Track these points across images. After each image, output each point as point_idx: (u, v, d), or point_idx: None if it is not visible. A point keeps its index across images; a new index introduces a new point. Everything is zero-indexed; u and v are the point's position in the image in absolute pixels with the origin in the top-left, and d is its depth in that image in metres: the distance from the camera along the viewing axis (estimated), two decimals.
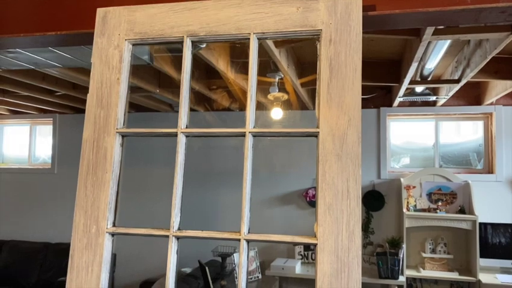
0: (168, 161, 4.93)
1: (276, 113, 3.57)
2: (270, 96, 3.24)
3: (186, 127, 1.29)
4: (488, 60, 2.66)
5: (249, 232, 1.20)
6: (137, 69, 3.52)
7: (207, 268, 2.89)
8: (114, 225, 1.29)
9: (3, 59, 2.01)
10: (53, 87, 3.89)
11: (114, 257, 5.17)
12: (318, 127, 1.21)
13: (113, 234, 1.28)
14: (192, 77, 3.18)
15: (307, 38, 1.28)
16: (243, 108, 3.76)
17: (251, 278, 3.87)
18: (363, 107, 4.63)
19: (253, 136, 1.24)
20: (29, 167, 5.81)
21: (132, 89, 4.16)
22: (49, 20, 1.53)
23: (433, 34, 2.24)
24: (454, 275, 3.94)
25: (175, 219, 1.24)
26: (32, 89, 4.13)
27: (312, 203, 4.69)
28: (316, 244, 1.13)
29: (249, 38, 1.28)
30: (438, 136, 4.62)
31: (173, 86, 3.79)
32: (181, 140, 1.28)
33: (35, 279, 4.83)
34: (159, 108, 4.92)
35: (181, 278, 3.48)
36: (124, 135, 1.33)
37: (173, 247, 1.23)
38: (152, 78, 3.83)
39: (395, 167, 4.71)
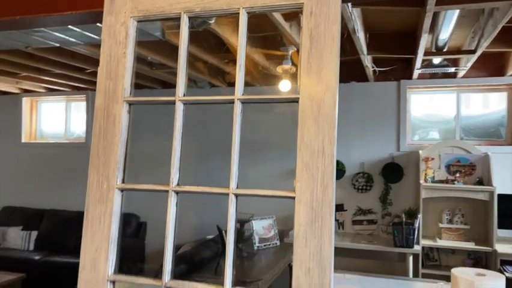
0: (189, 132, 5.14)
1: (284, 85, 3.66)
2: (278, 69, 3.34)
3: (184, 95, 1.44)
4: (499, 29, 2.66)
5: (237, 187, 1.35)
6: (159, 46, 3.67)
7: (223, 231, 3.09)
8: (123, 182, 1.47)
9: (31, 38, 2.21)
10: (82, 65, 4.13)
11: (145, 226, 5.50)
12: (299, 93, 1.33)
13: (122, 190, 1.46)
14: (206, 51, 3.32)
15: (292, 11, 1.39)
16: (254, 80, 3.88)
17: (269, 244, 4.06)
18: (382, 79, 4.65)
19: (242, 103, 1.38)
20: (65, 142, 6.18)
21: (156, 66, 4.35)
22: (65, 1, 1.70)
23: (437, 4, 2.28)
24: (470, 245, 3.99)
25: (174, 176, 1.41)
26: (64, 67, 4.39)
27: None
28: (295, 197, 1.27)
29: (238, 12, 1.40)
30: (460, 108, 4.60)
31: (193, 61, 3.95)
32: (179, 108, 1.43)
33: (72, 244, 5.22)
34: None
35: (202, 243, 3.71)
36: (130, 103, 1.50)
37: (173, 200, 1.40)
38: (175, 55, 3.99)
39: (415, 139, 4.74)
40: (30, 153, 6.21)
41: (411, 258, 4.07)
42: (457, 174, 4.17)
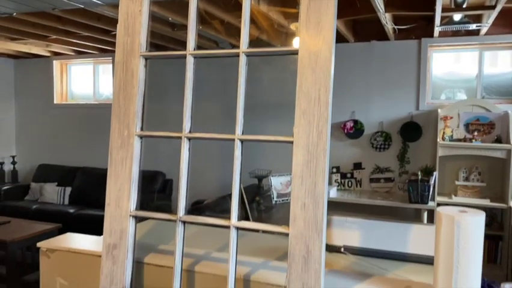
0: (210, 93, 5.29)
1: (297, 42, 3.69)
2: (292, 26, 3.39)
3: (194, 49, 1.57)
4: None
5: (242, 133, 1.49)
6: (180, 7, 3.76)
7: (241, 186, 3.27)
8: (141, 130, 1.63)
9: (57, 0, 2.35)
10: (108, 27, 4.28)
11: (171, 183, 5.76)
12: (298, 46, 1.43)
13: (141, 137, 1.63)
14: (223, 9, 3.39)
15: None
16: (270, 39, 3.93)
17: (286, 199, 4.24)
18: (403, 38, 4.62)
19: (246, 56, 1.49)
20: (94, 103, 6.44)
21: (178, 27, 4.46)
22: None
23: None
24: (485, 202, 4.06)
25: (187, 124, 1.56)
26: (90, 29, 4.56)
27: (350, 135, 4.88)
28: (293, 141, 1.40)
29: None
30: (482, 66, 4.54)
31: (215, 23, 4.03)
32: (190, 61, 1.56)
33: (103, 199, 5.55)
34: (205, 46, 5.20)
35: (223, 197, 3.93)
36: (146, 58, 1.64)
37: (185, 146, 1.56)
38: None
39: (434, 98, 4.73)
40: (62, 114, 6.52)
41: (425, 214, 4.18)
42: (475, 133, 4.18)
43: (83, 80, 6.65)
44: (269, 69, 4.88)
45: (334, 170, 4.94)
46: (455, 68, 4.73)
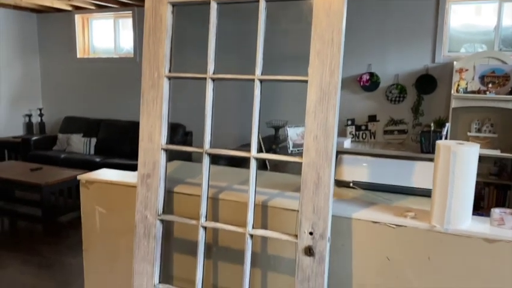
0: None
1: None
2: None
3: None
4: None
5: (261, 74, 1.65)
6: None
7: (259, 135, 3.46)
8: (170, 72, 1.79)
9: None
10: None
11: (191, 135, 5.98)
12: None
13: (169, 78, 1.79)
14: None
15: None
16: None
17: (302, 149, 4.41)
18: None
19: (266, 1, 1.62)
20: (115, 57, 6.60)
21: None
22: None
23: None
24: (495, 152, 4.17)
25: (211, 67, 1.72)
26: None
27: (365, 88, 4.97)
28: (307, 80, 1.55)
29: None
30: (501, 18, 4.52)
31: None
32: (213, 7, 1.70)
33: (128, 149, 5.84)
34: None
35: (243, 145, 4.12)
36: (173, 5, 1.78)
37: (210, 87, 1.72)
38: None
39: (451, 51, 4.75)
40: (85, 68, 6.72)
41: None
42: (490, 85, 4.24)
43: (104, 34, 6.79)
44: (285, 22, 4.94)
45: (349, 122, 5.07)
46: (473, 21, 4.72)
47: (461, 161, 1.45)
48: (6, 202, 5.11)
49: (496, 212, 1.54)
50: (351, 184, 2.04)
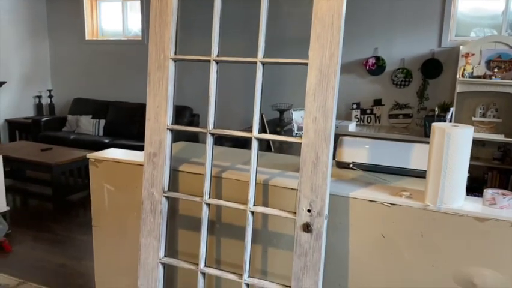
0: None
1: None
2: None
3: None
4: None
5: (264, 57, 1.70)
6: None
7: (263, 115, 3.51)
8: (175, 54, 1.85)
9: None
10: None
11: (198, 117, 6.05)
12: None
13: (175, 60, 1.85)
14: None
15: None
16: None
17: None
18: None
19: None
20: (123, 39, 6.64)
21: None
22: None
23: None
24: (499, 137, 4.19)
25: (214, 49, 1.77)
26: None
27: (371, 72, 4.99)
28: (308, 63, 1.60)
29: None
30: (510, 2, 4.48)
31: None
32: None
33: (135, 130, 5.93)
34: None
35: (247, 127, 4.19)
36: None
37: (214, 69, 1.78)
38: None
39: (458, 35, 4.74)
40: (93, 50, 6.78)
41: None
42: (496, 70, 4.24)
43: (112, 17, 6.82)
44: (287, 5, 4.94)
45: (354, 106, 5.10)
46: (481, 5, 4.68)
47: (455, 143, 1.50)
48: (18, 181, 5.25)
49: (489, 192, 1.60)
50: (351, 165, 2.10)
